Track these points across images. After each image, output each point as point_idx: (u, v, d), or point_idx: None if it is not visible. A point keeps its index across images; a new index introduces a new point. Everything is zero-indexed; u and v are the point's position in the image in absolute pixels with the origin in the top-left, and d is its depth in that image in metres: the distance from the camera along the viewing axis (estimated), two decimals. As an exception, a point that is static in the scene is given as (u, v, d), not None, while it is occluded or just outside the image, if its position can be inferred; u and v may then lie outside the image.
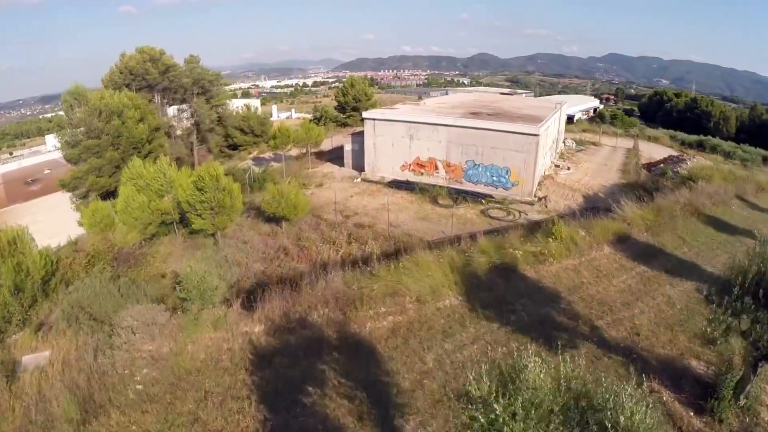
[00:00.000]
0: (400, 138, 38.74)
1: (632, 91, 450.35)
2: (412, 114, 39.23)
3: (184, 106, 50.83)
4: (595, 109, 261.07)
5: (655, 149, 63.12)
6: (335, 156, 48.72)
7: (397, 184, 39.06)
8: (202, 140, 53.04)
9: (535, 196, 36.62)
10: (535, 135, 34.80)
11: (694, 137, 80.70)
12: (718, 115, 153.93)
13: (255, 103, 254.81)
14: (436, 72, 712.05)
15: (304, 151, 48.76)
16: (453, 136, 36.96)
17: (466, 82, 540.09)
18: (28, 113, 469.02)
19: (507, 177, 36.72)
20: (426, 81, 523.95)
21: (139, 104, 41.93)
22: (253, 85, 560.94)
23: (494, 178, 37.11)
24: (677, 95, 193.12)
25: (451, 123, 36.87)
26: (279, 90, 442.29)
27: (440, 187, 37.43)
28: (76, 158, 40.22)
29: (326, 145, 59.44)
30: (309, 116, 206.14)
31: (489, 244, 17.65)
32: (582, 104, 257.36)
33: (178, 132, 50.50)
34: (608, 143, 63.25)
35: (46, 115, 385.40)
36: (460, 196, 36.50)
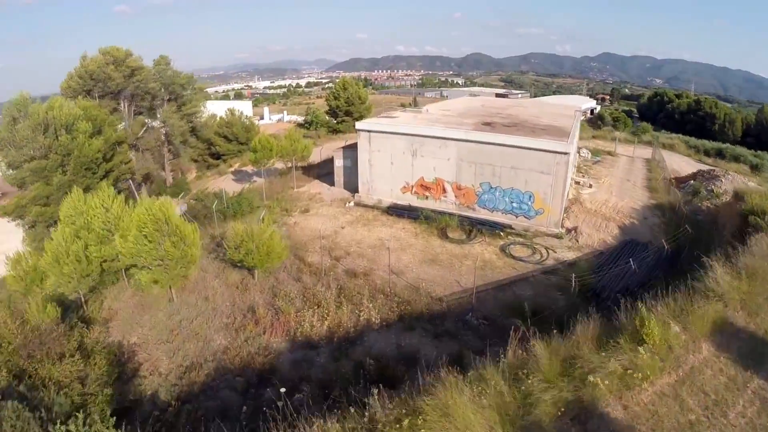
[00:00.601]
0: (400, 154, 32.41)
1: (626, 90, 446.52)
2: (414, 125, 32.69)
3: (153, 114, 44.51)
4: (592, 110, 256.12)
5: (674, 160, 57.12)
6: (325, 172, 42.34)
7: (397, 211, 32.74)
8: (176, 153, 46.57)
9: (562, 227, 30.48)
10: (565, 153, 28.55)
11: (712, 145, 75.03)
12: (723, 118, 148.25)
13: (244, 105, 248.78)
14: (430, 72, 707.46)
15: (290, 164, 42.28)
16: (465, 152, 30.64)
17: (460, 82, 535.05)
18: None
19: (530, 204, 30.49)
20: (420, 81, 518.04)
21: (95, 115, 35.53)
22: (246, 86, 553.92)
23: (514, 205, 30.89)
24: (678, 96, 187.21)
25: (463, 137, 30.41)
26: (272, 91, 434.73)
27: (449, 215, 31.15)
28: (19, 182, 33.89)
29: (316, 155, 53.19)
30: (301, 119, 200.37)
31: (552, 359, 11.29)
32: (579, 105, 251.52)
33: (150, 144, 44.00)
34: (623, 152, 57.35)
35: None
36: (473, 226, 30.32)
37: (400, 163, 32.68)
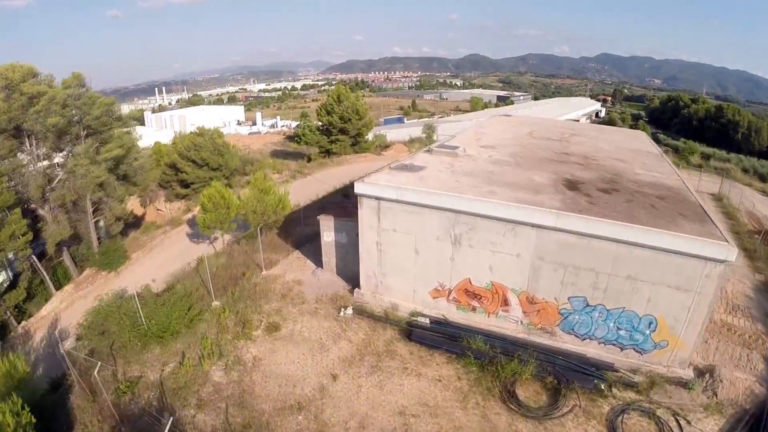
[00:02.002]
0: (432, 239, 18.89)
1: (626, 90, 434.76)
2: (453, 187, 19.19)
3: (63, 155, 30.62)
4: (597, 113, 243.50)
5: (745, 194, 44.04)
6: (310, 232, 28.70)
7: (422, 334, 19.20)
8: (97, 208, 32.69)
9: (690, 366, 17.51)
10: (722, 261, 15.39)
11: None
12: (746, 126, 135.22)
13: (236, 111, 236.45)
14: (428, 73, 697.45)
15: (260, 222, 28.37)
16: (549, 247, 17.13)
17: (458, 83, 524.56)
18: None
19: (647, 333, 17.16)
20: (418, 83, 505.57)
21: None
22: (241, 88, 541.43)
23: (621, 333, 17.50)
24: (694, 101, 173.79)
25: (549, 223, 16.73)
26: (267, 94, 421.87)
27: (512, 343, 17.96)
28: None
29: (301, 190, 40.03)
30: (294, 124, 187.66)
31: None
32: (584, 107, 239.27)
33: (67, 199, 30.07)
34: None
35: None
36: (558, 376, 17.10)
37: (430, 254, 19.14)
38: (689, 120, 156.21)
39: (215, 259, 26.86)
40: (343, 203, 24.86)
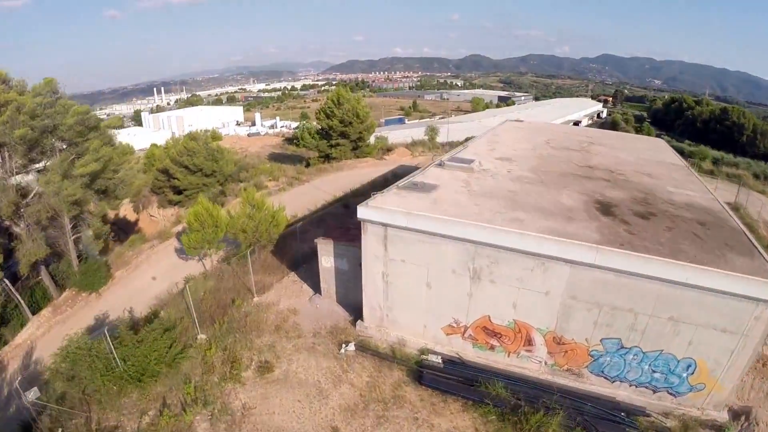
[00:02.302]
0: (447, 272, 16.50)
1: (626, 91, 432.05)
2: (471, 210, 16.87)
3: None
4: (598, 114, 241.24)
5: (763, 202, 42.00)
6: (307, 250, 26.37)
7: (434, 377, 16.83)
8: (75, 224, 30.18)
9: (726, 407, 15.62)
10: None
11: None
12: (751, 129, 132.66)
13: (235, 112, 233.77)
14: (428, 73, 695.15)
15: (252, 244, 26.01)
16: (583, 285, 14.68)
17: (459, 83, 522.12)
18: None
19: (684, 376, 15.05)
20: (419, 83, 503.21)
21: None
22: (241, 89, 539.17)
23: (656, 376, 15.33)
24: (698, 102, 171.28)
25: (587, 260, 14.24)
26: (267, 94, 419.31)
27: (534, 385, 15.72)
28: None
29: (298, 198, 37.87)
30: (295, 124, 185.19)
31: None
32: (585, 108, 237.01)
33: (42, 216, 27.59)
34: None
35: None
36: (577, 408, 14.90)
37: (445, 288, 16.77)
38: (693, 122, 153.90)
39: (203, 281, 24.46)
40: (345, 226, 22.39)
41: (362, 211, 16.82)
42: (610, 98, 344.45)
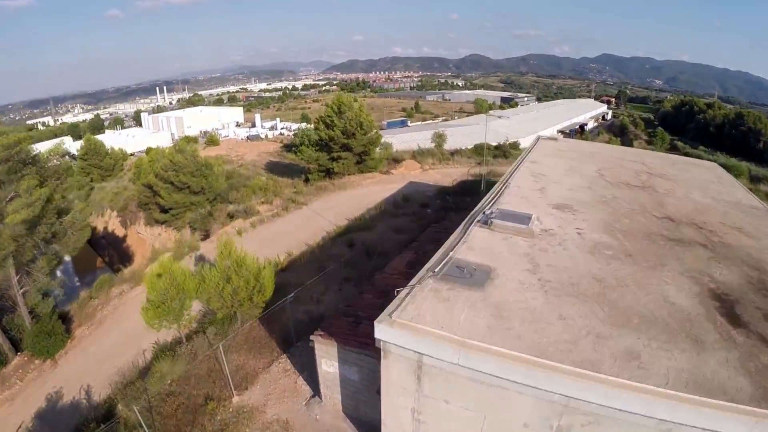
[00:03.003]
0: (515, 426, 10.09)
1: (628, 91, 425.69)
2: (552, 332, 10.53)
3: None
4: (603, 116, 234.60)
5: None
6: (303, 325, 19.98)
7: None
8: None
9: None
10: None
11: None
12: None
13: (235, 113, 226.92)
14: (429, 73, 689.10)
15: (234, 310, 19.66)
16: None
17: (460, 83, 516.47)
18: (17, 118, 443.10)
19: None
20: (419, 83, 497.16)
21: None
22: (242, 88, 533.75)
23: None
24: (709, 106, 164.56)
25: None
26: (268, 94, 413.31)
27: None
28: None
29: (293, 231, 32.00)
30: (295, 126, 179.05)
31: None
32: (590, 110, 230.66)
33: None
34: None
35: (33, 120, 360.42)
36: None
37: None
38: (705, 126, 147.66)
39: (170, 365, 18.44)
40: (355, 309, 16.37)
41: (383, 331, 10.57)
42: (613, 99, 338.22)
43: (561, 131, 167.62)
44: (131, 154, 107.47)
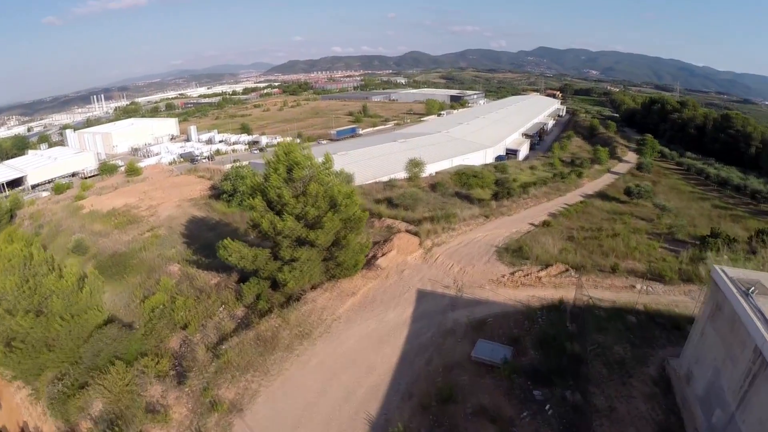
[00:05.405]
0: None
1: (565, 82, 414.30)
2: None
3: None
4: (559, 114, 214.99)
5: None
6: None
7: None
8: None
9: None
10: None
11: None
12: (759, 139, 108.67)
13: (168, 125, 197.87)
14: (369, 71, 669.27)
15: None
16: None
17: (402, 81, 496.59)
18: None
19: None
20: (362, 82, 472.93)
21: None
22: (180, 94, 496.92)
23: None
24: (683, 104, 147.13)
25: None
26: (207, 99, 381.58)
27: None
28: None
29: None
30: (234, 138, 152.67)
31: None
32: (546, 108, 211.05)
33: None
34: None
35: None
36: None
37: None
38: (682, 127, 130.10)
39: None
40: None
41: None
42: (559, 92, 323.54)
43: (525, 134, 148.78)
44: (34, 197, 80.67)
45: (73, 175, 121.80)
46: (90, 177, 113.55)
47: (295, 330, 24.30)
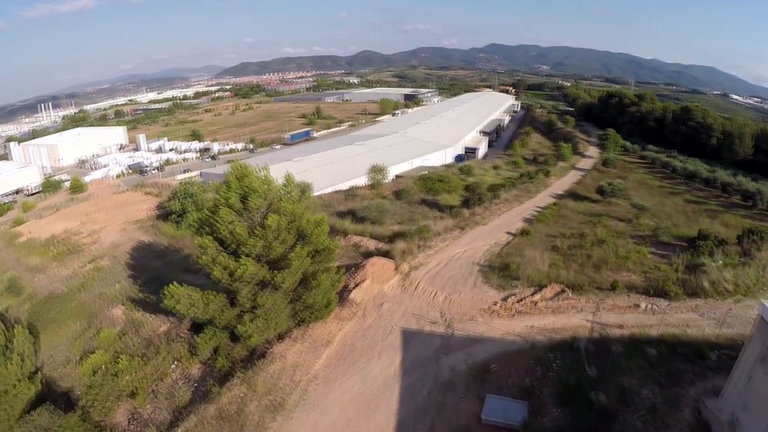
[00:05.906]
0: None
1: (517, 78, 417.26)
2: None
3: None
4: (514, 110, 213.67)
5: None
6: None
7: None
8: None
9: None
10: None
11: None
12: (721, 130, 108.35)
13: (116, 134, 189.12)
14: (322, 72, 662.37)
15: None
16: None
17: (355, 81, 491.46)
18: None
19: None
20: (315, 83, 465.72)
21: None
22: (130, 100, 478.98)
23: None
24: (641, 98, 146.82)
25: None
26: (157, 105, 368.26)
27: None
28: None
29: None
30: (185, 146, 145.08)
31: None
32: (501, 104, 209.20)
33: None
34: None
35: None
36: None
37: None
38: (641, 120, 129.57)
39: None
40: None
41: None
42: (512, 88, 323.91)
43: (483, 132, 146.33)
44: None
45: (17, 192, 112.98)
46: (34, 194, 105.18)
47: (264, 400, 19.71)
